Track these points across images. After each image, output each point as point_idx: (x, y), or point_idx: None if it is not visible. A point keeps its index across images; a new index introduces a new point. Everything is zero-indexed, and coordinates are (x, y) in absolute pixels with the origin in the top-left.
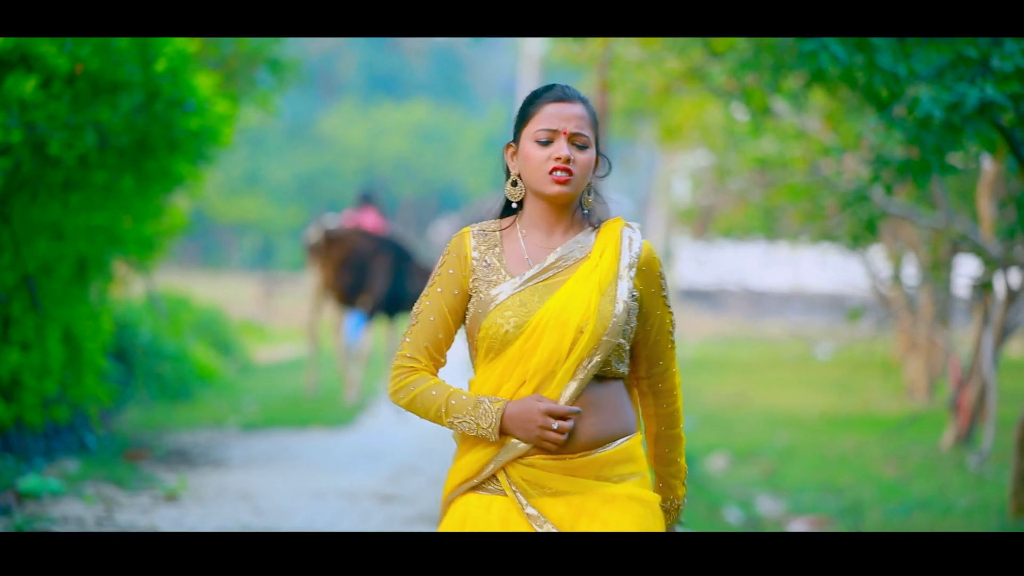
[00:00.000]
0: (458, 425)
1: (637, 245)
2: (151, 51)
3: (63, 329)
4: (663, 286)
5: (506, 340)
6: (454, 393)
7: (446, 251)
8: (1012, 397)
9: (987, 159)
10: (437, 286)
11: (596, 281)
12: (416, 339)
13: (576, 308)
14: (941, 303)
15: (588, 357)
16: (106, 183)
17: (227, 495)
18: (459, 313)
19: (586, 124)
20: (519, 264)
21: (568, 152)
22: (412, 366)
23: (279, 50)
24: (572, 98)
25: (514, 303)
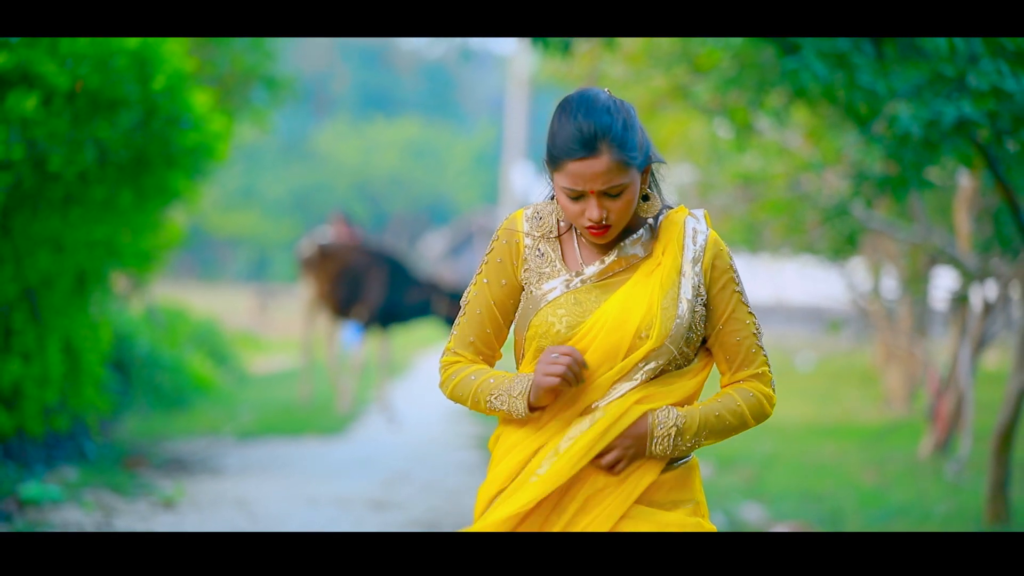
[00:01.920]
0: (493, 402)
1: (702, 237)
2: (149, 69)
3: (63, 340)
4: (736, 281)
5: (557, 340)
6: (495, 373)
7: (495, 236)
8: (989, 407)
9: (964, 175)
10: (484, 276)
11: (658, 281)
12: (462, 333)
13: (636, 310)
14: (919, 315)
15: (644, 360)
16: (105, 198)
17: (223, 502)
18: (507, 306)
19: (616, 172)
20: (574, 262)
21: (599, 212)
22: (455, 360)
23: (274, 68)
24: (595, 150)
25: (568, 301)
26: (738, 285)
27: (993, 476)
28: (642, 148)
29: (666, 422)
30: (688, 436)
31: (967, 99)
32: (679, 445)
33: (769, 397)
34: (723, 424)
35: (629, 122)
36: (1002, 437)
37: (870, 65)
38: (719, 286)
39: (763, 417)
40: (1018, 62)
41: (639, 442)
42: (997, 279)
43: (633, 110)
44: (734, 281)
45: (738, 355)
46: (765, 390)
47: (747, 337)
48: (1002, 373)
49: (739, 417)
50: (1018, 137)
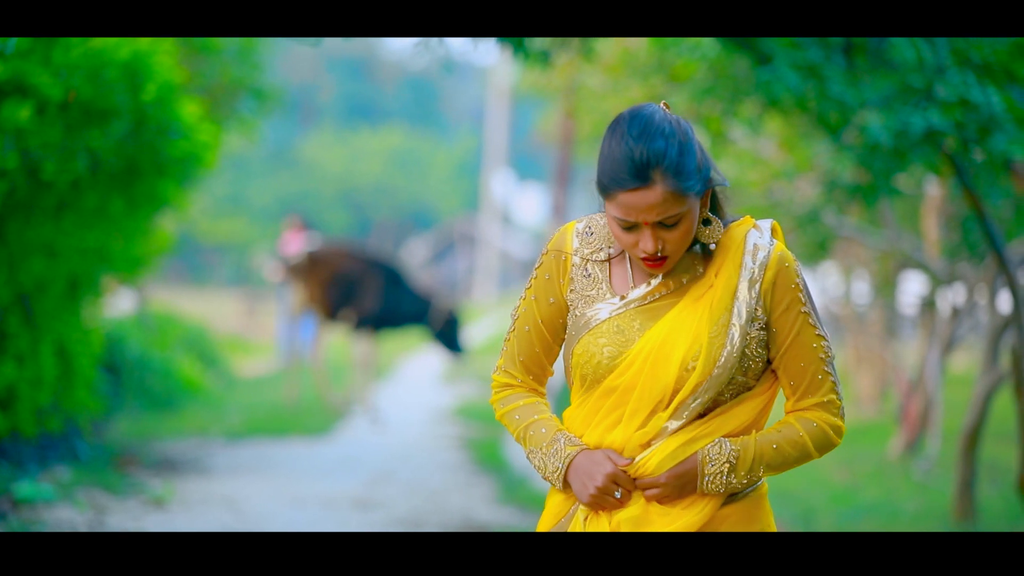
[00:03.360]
0: (531, 459)
1: (763, 254)
2: (140, 80)
3: (56, 343)
4: (803, 300)
5: (599, 371)
6: (536, 422)
7: (545, 250)
8: (956, 408)
9: (932, 183)
10: (533, 291)
11: (708, 306)
12: (511, 350)
13: (681, 340)
14: (888, 319)
15: (693, 395)
16: (97, 205)
17: (212, 501)
18: (556, 325)
19: (672, 202)
20: (623, 283)
21: (654, 245)
22: (507, 381)
23: (261, 79)
24: (648, 179)
25: (610, 329)
26: (805, 305)
27: (960, 475)
28: (701, 172)
29: (718, 457)
30: (743, 470)
31: (935, 109)
32: (732, 481)
33: (836, 427)
34: (782, 456)
35: (686, 145)
36: (969, 437)
37: (841, 76)
38: (783, 307)
39: (828, 448)
40: (985, 73)
41: (689, 479)
42: (964, 283)
43: (691, 130)
44: (800, 301)
45: (803, 381)
46: (832, 420)
47: (813, 362)
48: (969, 376)
49: (800, 448)
50: (984, 146)
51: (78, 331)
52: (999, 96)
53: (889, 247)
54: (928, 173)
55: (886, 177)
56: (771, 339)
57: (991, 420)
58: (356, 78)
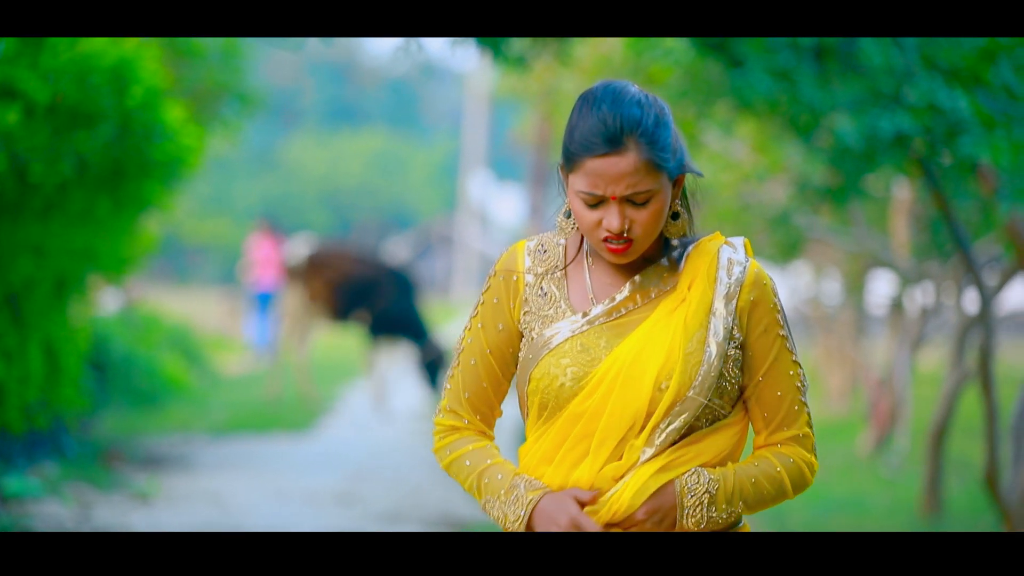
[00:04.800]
0: (488, 510)
1: (739, 270)
2: (125, 84)
3: (44, 342)
4: (779, 322)
5: (562, 396)
6: (490, 468)
7: (492, 272)
8: (925, 406)
9: (901, 185)
10: (479, 319)
11: (682, 320)
12: (456, 388)
13: (654, 357)
14: (857, 318)
15: (667, 419)
16: (83, 207)
17: (196, 496)
18: (506, 355)
19: (643, 174)
20: (583, 299)
21: (620, 221)
22: (453, 424)
23: (244, 82)
24: (621, 145)
25: (573, 348)
26: (783, 328)
27: (928, 471)
28: (676, 153)
29: (697, 487)
30: (723, 503)
31: (904, 113)
32: (712, 515)
33: (811, 464)
34: (759, 493)
35: (662, 119)
36: (937, 434)
37: (812, 79)
38: (760, 329)
39: (804, 487)
40: (953, 78)
41: (667, 513)
42: (933, 283)
43: (668, 109)
44: (778, 323)
45: (778, 413)
46: (806, 456)
47: (790, 391)
48: (938, 373)
49: (778, 486)
50: (952, 149)
51: (65, 329)
52: (966, 100)
53: (858, 248)
54: (897, 175)
55: (855, 179)
56: (746, 363)
57: (959, 417)
58: (337, 82)
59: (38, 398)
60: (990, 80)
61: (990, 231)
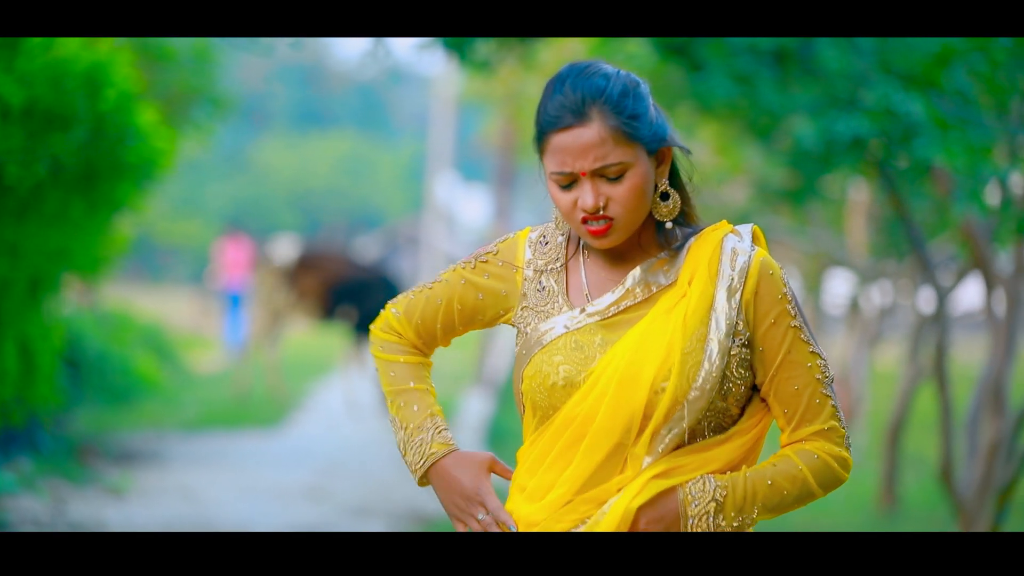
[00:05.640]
0: (395, 434)
1: (743, 259)
2: (99, 85)
3: (18, 340)
4: (792, 313)
5: (554, 395)
6: (409, 392)
7: (495, 249)
8: (882, 403)
9: (860, 187)
10: (462, 276)
11: (681, 318)
12: (413, 307)
13: (651, 357)
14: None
15: (667, 425)
16: (58, 208)
17: (169, 491)
18: (471, 316)
19: (612, 145)
20: (580, 294)
21: (593, 198)
22: (395, 328)
23: (215, 86)
24: (584, 115)
25: (567, 345)
26: (795, 318)
27: (885, 467)
28: (653, 125)
29: (702, 495)
30: (732, 510)
31: (861, 117)
32: (721, 523)
33: (842, 459)
34: (778, 495)
35: (634, 90)
36: (893, 431)
37: (771, 83)
38: (769, 321)
39: (834, 484)
40: (909, 82)
41: (670, 524)
42: (890, 281)
43: (645, 85)
44: (789, 314)
45: (798, 407)
46: (835, 450)
47: (809, 384)
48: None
49: (800, 485)
50: (908, 151)
51: (40, 328)
52: (921, 103)
53: (815, 248)
54: (854, 176)
55: (814, 180)
56: (757, 360)
57: (914, 414)
58: (306, 86)
59: (13, 395)
60: (944, 84)
61: (945, 231)
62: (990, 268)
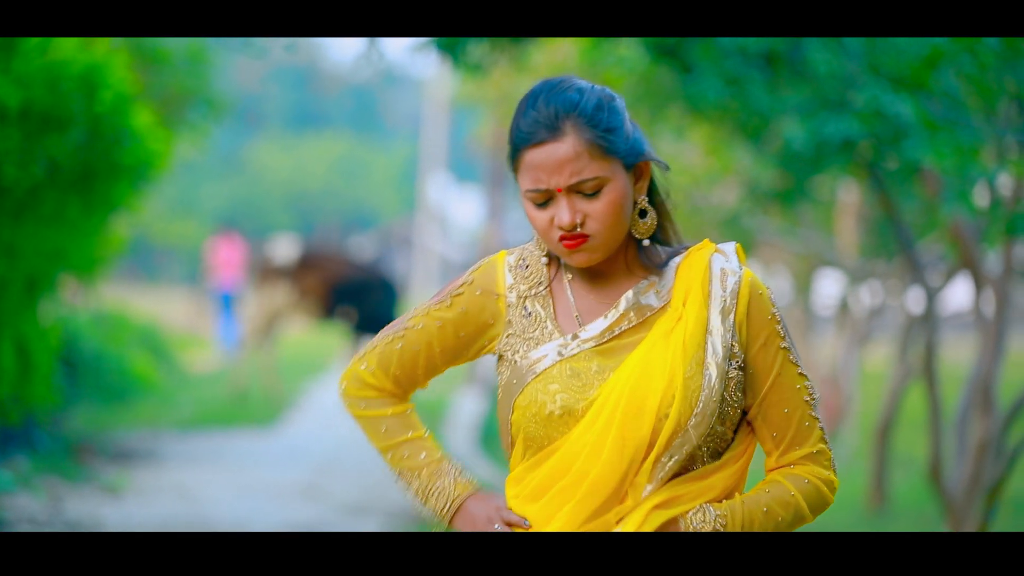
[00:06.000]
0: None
1: (734, 280)
2: (95, 88)
3: (16, 340)
4: (779, 333)
5: (551, 426)
6: (410, 442)
7: (469, 279)
8: (872, 402)
9: (847, 189)
10: (438, 316)
11: (680, 342)
12: (388, 359)
13: (654, 385)
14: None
15: (668, 452)
16: (55, 209)
17: (164, 489)
18: (454, 355)
19: (587, 160)
20: (568, 319)
21: (570, 215)
22: (373, 383)
23: (210, 87)
24: (557, 130)
25: (562, 373)
26: (784, 340)
27: (874, 466)
28: (629, 140)
29: (703, 526)
30: None
31: (851, 118)
32: None
33: (829, 482)
34: (773, 521)
35: (609, 104)
36: (883, 430)
37: (761, 86)
38: (760, 342)
39: (823, 507)
40: (898, 84)
41: None
42: (880, 279)
43: (620, 100)
44: (778, 335)
45: (788, 431)
46: (823, 474)
47: (798, 407)
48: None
49: (793, 511)
50: (897, 152)
51: (36, 328)
52: (910, 105)
53: (805, 249)
54: (844, 177)
55: (803, 181)
56: (748, 381)
57: (903, 413)
58: (301, 88)
59: (10, 394)
60: (933, 86)
61: (933, 232)
62: (979, 268)
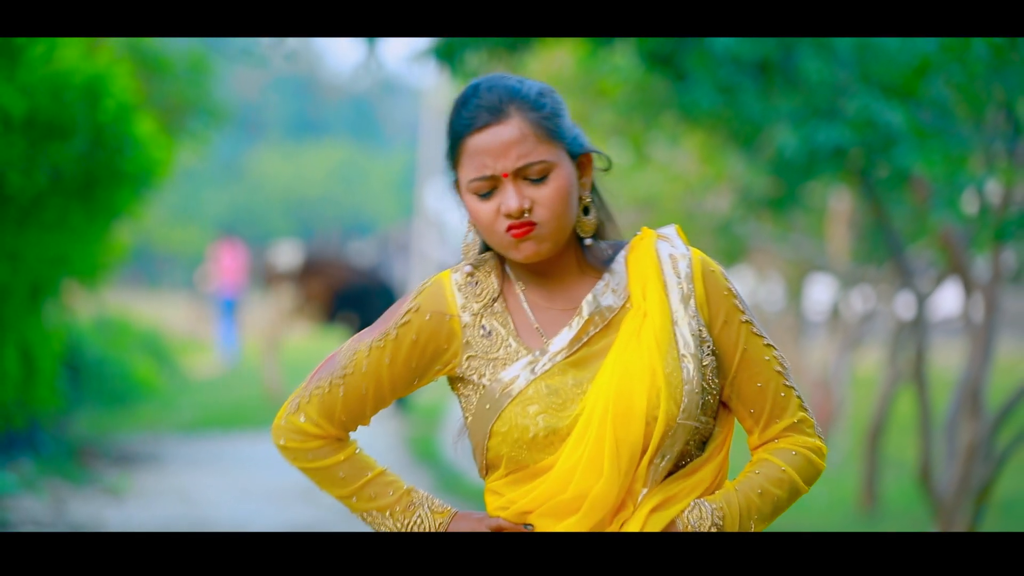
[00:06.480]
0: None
1: (685, 263)
2: (98, 97)
3: (20, 344)
4: (740, 308)
5: (535, 448)
6: (372, 482)
7: (414, 305)
8: (863, 406)
9: (838, 196)
10: (385, 353)
11: (652, 338)
12: (330, 405)
13: (638, 387)
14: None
15: (660, 451)
16: (58, 215)
17: (166, 492)
18: (405, 388)
19: (533, 143)
20: (530, 333)
21: (518, 200)
22: (316, 433)
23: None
24: (501, 112)
25: (539, 392)
26: (744, 313)
27: (865, 469)
28: (572, 127)
29: (701, 523)
30: (733, 531)
31: (842, 126)
32: None
33: (817, 449)
34: (771, 502)
35: (548, 92)
36: (873, 434)
37: (754, 94)
38: (720, 321)
39: (816, 477)
40: (889, 93)
41: None
42: (871, 286)
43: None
44: (737, 308)
45: (765, 405)
46: (809, 441)
47: (771, 379)
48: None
49: (788, 487)
50: (888, 160)
51: (40, 333)
52: (900, 113)
53: (797, 254)
54: (835, 184)
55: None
56: (717, 363)
57: (894, 417)
58: (300, 97)
59: (14, 398)
60: (923, 95)
61: (923, 238)
62: (967, 274)
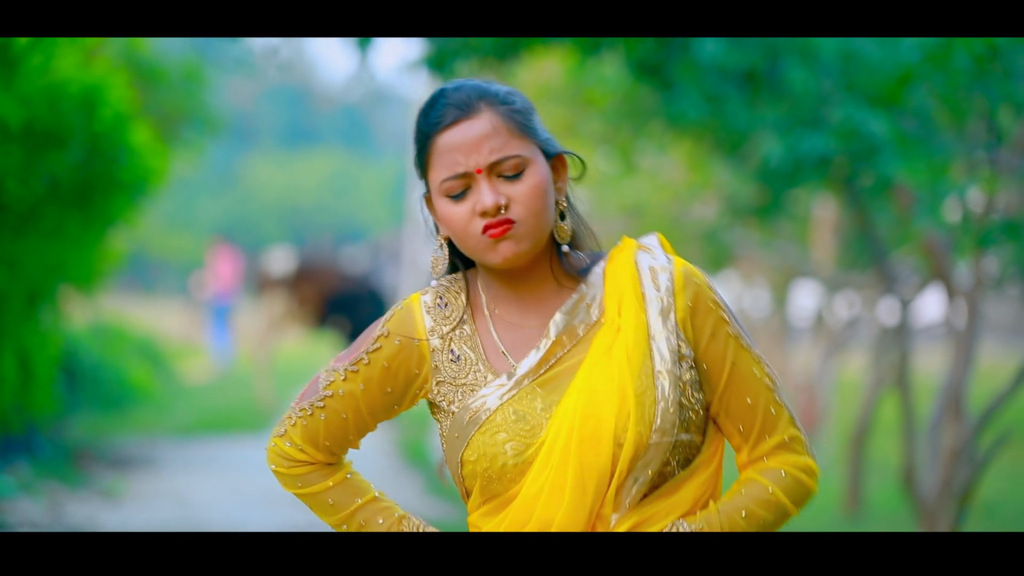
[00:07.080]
0: None
1: (666, 276)
2: (94, 106)
3: (17, 350)
4: (727, 320)
5: (505, 476)
6: (363, 509)
7: (384, 331)
8: (847, 410)
9: (827, 202)
10: (359, 379)
11: (623, 356)
12: (313, 432)
13: (605, 407)
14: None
15: (632, 475)
16: (55, 223)
17: (161, 495)
18: (385, 412)
19: (506, 137)
20: (498, 357)
21: (493, 197)
22: (302, 459)
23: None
24: (472, 108)
25: (507, 418)
26: (731, 325)
27: (850, 472)
28: (543, 128)
29: None
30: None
31: (827, 135)
32: None
33: (808, 469)
34: (757, 524)
35: (517, 95)
36: (858, 438)
37: (740, 103)
38: (707, 335)
39: (807, 498)
40: (873, 102)
41: None
42: (856, 289)
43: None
44: (725, 321)
45: (754, 421)
46: (800, 461)
47: (761, 394)
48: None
49: (775, 509)
50: (872, 168)
51: (37, 338)
52: (884, 122)
53: (782, 261)
54: (819, 192)
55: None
56: (703, 378)
57: (878, 421)
58: (293, 107)
59: (12, 403)
60: (906, 104)
61: (906, 245)
62: (950, 280)
